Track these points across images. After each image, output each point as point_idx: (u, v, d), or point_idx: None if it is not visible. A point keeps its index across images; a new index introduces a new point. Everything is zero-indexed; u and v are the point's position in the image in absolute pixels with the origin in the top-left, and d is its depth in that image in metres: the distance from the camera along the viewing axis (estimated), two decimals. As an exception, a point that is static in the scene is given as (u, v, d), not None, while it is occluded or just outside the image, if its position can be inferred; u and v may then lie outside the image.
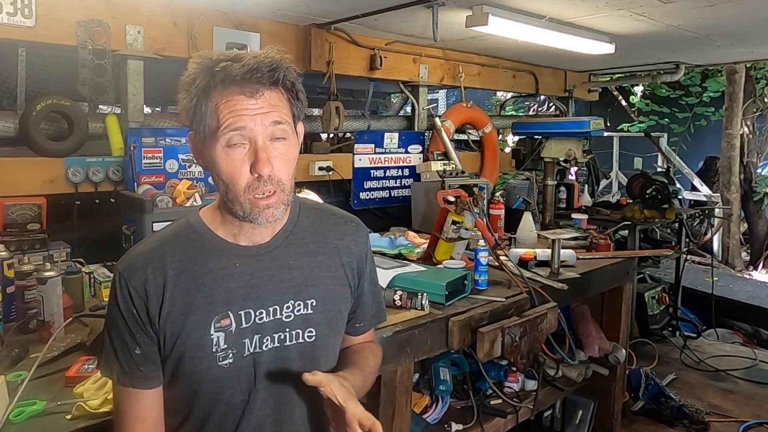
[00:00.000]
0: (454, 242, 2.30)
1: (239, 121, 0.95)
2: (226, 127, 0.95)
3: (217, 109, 0.95)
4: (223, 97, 0.95)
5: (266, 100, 0.96)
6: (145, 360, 1.00)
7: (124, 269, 1.01)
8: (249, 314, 1.03)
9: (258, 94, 0.95)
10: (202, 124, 0.97)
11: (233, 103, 0.95)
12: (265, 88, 0.96)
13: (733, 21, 3.08)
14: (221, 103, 0.95)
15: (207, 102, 0.96)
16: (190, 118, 0.98)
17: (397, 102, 5.27)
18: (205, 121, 0.97)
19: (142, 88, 2.66)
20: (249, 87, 0.95)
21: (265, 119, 0.96)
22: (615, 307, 2.81)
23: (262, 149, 0.96)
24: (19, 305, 1.73)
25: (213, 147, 0.97)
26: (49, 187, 2.43)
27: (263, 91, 0.96)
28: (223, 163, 0.97)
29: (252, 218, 0.99)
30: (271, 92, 0.97)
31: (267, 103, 0.96)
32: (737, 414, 3.20)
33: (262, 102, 0.96)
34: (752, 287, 5.53)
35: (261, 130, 0.96)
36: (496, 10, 2.73)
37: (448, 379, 2.18)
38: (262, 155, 0.96)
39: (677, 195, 4.18)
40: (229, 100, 0.95)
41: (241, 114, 0.94)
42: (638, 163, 5.60)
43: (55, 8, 2.36)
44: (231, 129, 0.95)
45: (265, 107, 0.96)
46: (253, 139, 0.96)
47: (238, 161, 0.96)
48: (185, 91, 0.97)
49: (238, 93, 0.95)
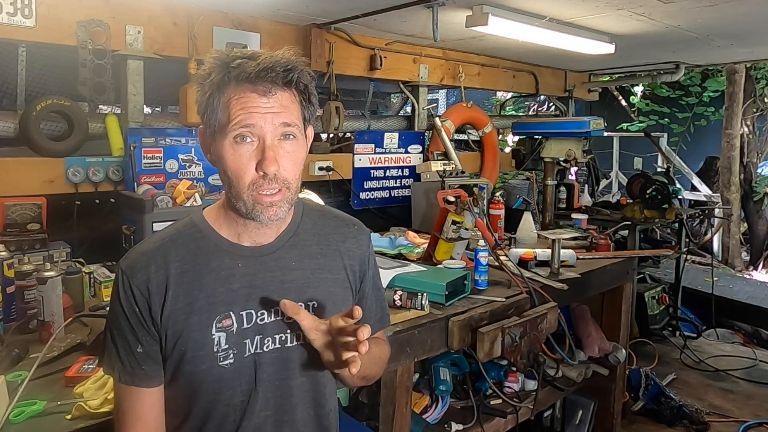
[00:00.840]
0: (454, 242, 2.30)
1: (249, 118, 0.95)
2: (236, 123, 0.95)
3: (229, 104, 0.96)
4: (236, 93, 0.96)
5: (278, 100, 0.97)
6: (146, 358, 1.01)
7: (127, 267, 1.01)
8: (251, 315, 1.03)
9: (270, 94, 0.96)
10: (213, 117, 0.98)
11: (245, 100, 0.96)
12: (278, 87, 0.97)
13: (733, 21, 3.07)
14: (233, 98, 0.96)
15: (220, 97, 0.97)
16: (202, 111, 1.00)
17: (397, 102, 5.25)
18: (217, 115, 0.97)
19: (142, 88, 2.66)
20: (262, 85, 0.95)
21: (275, 119, 0.97)
22: (615, 307, 2.81)
23: (270, 148, 0.96)
24: (19, 305, 1.73)
25: (222, 142, 0.98)
26: (49, 187, 2.43)
27: (276, 91, 0.97)
28: (230, 158, 0.97)
29: (254, 215, 0.99)
30: (283, 92, 0.98)
31: (279, 103, 0.97)
32: (737, 414, 3.20)
33: (273, 101, 0.96)
34: (752, 287, 5.52)
35: (270, 129, 0.97)
36: (496, 10, 2.73)
37: (448, 379, 2.18)
38: (269, 154, 0.96)
39: (677, 195, 4.18)
40: (242, 96, 0.96)
41: (252, 111, 0.95)
42: (638, 163, 5.60)
43: (55, 8, 2.36)
44: (241, 125, 0.96)
45: (276, 107, 0.97)
46: (262, 137, 0.97)
47: (245, 157, 0.97)
48: (200, 84, 0.99)
49: (251, 90, 0.95)
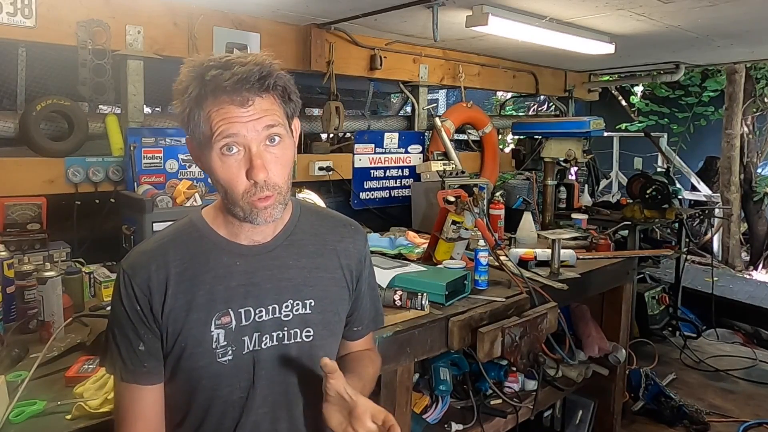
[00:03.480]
0: (454, 242, 2.30)
1: (231, 128, 0.95)
2: (219, 134, 0.95)
3: (210, 117, 0.96)
4: (215, 105, 0.95)
5: (258, 107, 0.96)
6: (148, 356, 1.02)
7: (128, 267, 1.02)
8: (249, 312, 1.04)
9: (249, 103, 0.95)
10: (198, 131, 0.98)
11: (225, 111, 0.95)
12: (255, 96, 0.96)
13: (733, 21, 3.07)
14: (213, 111, 0.95)
15: (199, 111, 0.96)
16: (185, 125, 0.99)
17: (397, 102, 5.26)
18: (200, 128, 0.97)
19: (142, 88, 2.66)
20: (239, 96, 0.95)
21: (257, 125, 0.96)
22: (615, 307, 2.81)
23: (257, 155, 0.96)
24: (19, 305, 1.73)
25: (209, 154, 0.98)
26: (49, 187, 2.43)
27: (254, 99, 0.96)
28: (219, 169, 0.98)
29: (251, 219, 1.00)
30: (262, 99, 0.97)
31: (258, 109, 0.96)
32: (737, 414, 3.20)
33: (253, 109, 0.96)
34: (752, 287, 5.52)
35: (254, 136, 0.96)
36: (496, 10, 2.73)
37: (448, 379, 2.18)
38: (256, 162, 0.96)
39: (677, 195, 4.18)
40: (221, 108, 0.95)
41: (233, 121, 0.95)
42: (638, 163, 5.59)
43: (55, 8, 2.36)
44: (224, 136, 0.95)
45: (257, 113, 0.96)
46: (247, 145, 0.96)
47: (234, 168, 0.97)
48: (178, 99, 0.98)
49: (228, 102, 0.95)
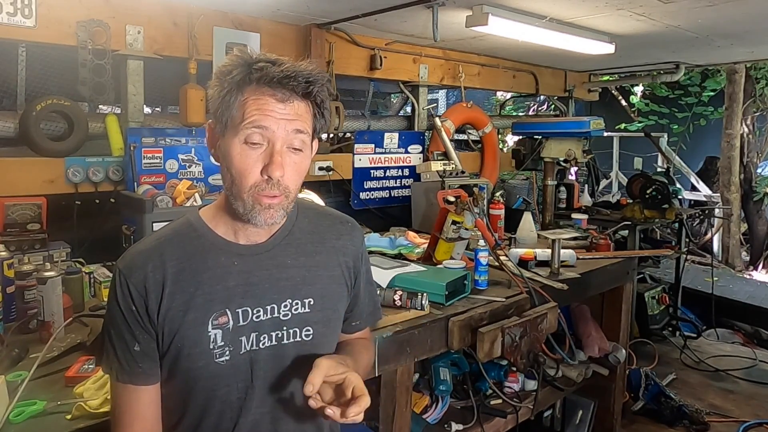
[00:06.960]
0: (454, 242, 2.30)
1: (264, 120, 0.96)
2: (249, 122, 0.96)
3: (246, 103, 0.97)
4: (255, 94, 0.97)
5: (294, 108, 0.99)
6: (144, 357, 1.01)
7: (124, 267, 1.02)
8: (247, 312, 1.03)
9: (288, 101, 0.98)
10: (227, 114, 0.99)
11: (263, 102, 0.97)
12: (296, 97, 0.98)
13: (733, 21, 3.08)
14: (251, 99, 0.97)
15: (237, 95, 0.98)
16: (216, 106, 1.00)
17: (397, 102, 5.26)
18: (231, 112, 0.98)
19: (142, 88, 2.66)
20: (281, 92, 0.97)
21: (288, 125, 0.98)
22: (615, 307, 2.81)
23: (279, 153, 0.98)
24: (19, 305, 1.73)
25: (231, 139, 0.98)
26: (49, 187, 2.43)
27: (294, 100, 0.98)
28: (237, 156, 0.98)
29: (251, 216, 1.00)
30: (300, 102, 0.99)
31: (294, 111, 0.99)
32: (737, 414, 3.19)
33: (290, 109, 0.98)
34: (752, 287, 5.51)
35: (282, 135, 0.98)
36: (496, 10, 2.73)
37: (448, 379, 2.18)
38: (276, 159, 0.97)
39: (677, 195, 4.18)
40: (260, 98, 0.97)
41: (268, 114, 0.97)
42: (638, 163, 5.59)
43: (55, 8, 2.36)
44: (254, 125, 0.96)
45: (292, 114, 0.98)
46: (272, 141, 0.98)
47: (251, 159, 0.98)
48: (219, 79, 0.99)
49: (270, 94, 0.97)
